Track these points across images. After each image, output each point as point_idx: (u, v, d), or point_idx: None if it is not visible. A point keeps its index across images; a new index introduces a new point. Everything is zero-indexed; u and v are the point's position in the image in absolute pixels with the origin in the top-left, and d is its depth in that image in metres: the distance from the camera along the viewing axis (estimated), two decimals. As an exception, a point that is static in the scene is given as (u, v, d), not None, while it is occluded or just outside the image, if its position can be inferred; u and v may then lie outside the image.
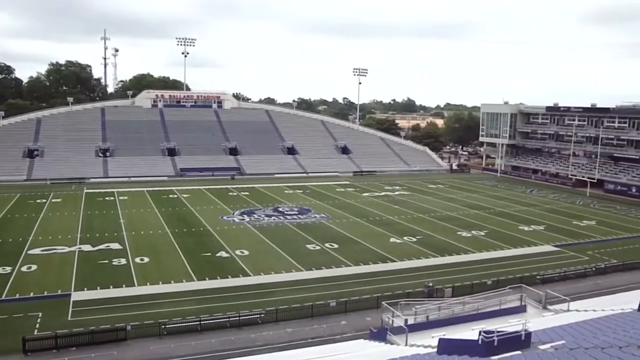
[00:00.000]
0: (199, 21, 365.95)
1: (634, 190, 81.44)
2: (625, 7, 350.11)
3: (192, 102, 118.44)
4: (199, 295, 35.23)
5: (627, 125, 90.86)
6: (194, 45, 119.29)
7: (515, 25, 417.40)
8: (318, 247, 47.61)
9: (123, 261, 42.24)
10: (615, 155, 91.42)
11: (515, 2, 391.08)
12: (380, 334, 27.11)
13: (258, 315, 31.74)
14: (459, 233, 54.27)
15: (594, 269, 43.18)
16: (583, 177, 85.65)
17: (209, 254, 44.90)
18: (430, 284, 36.67)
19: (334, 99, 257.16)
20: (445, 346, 21.15)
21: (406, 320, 27.14)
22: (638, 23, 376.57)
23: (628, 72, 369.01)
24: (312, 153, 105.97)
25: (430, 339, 23.94)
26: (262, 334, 30.06)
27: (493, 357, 19.10)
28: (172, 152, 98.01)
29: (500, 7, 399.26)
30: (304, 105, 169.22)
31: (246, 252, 45.29)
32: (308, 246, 47.93)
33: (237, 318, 31.12)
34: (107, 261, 42.08)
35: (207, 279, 38.60)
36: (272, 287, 37.21)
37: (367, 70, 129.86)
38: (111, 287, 36.40)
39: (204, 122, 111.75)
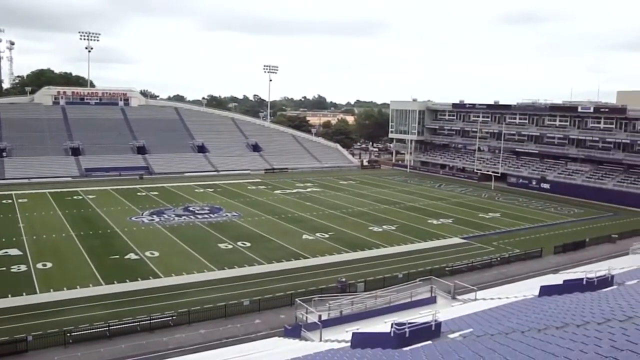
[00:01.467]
0: (106, 16, 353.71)
1: (534, 182, 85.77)
2: (533, 10, 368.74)
3: (96, 99, 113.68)
4: (107, 300, 33.76)
5: (527, 121, 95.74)
6: (98, 40, 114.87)
7: (424, 25, 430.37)
8: (230, 246, 46.96)
9: (23, 267, 39.81)
10: (517, 150, 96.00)
11: (426, 2, 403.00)
12: (294, 331, 27.01)
13: (170, 318, 30.82)
14: (370, 228, 55.12)
15: (499, 258, 45.06)
16: (488, 171, 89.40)
17: (117, 256, 43.22)
18: (343, 279, 36.98)
19: (244, 96, 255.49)
20: (359, 340, 21.29)
21: (320, 316, 27.18)
22: (543, 25, 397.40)
23: (533, 71, 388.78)
24: (223, 151, 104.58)
25: (344, 334, 24.09)
26: (174, 337, 29.22)
27: (405, 348, 19.38)
28: (75, 152, 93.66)
29: (411, 6, 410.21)
30: (214, 102, 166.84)
31: (156, 253, 43.97)
32: (220, 245, 47.18)
33: (148, 321, 30.07)
34: (4, 268, 39.48)
35: (115, 282, 37.08)
36: (184, 288, 36.28)
37: (277, 67, 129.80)
38: (10, 295, 34.14)
39: (109, 120, 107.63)
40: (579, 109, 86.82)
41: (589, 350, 11.62)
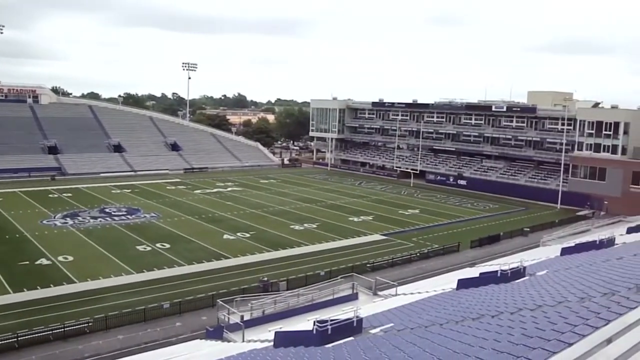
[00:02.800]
0: (18, 9, 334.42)
1: (451, 179, 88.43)
2: (450, 12, 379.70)
3: (1, 96, 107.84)
4: (16, 309, 31.95)
5: (444, 120, 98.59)
6: (2, 32, 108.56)
7: (345, 24, 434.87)
8: (149, 248, 45.71)
9: None
10: (434, 147, 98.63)
11: (347, 2, 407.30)
12: (216, 333, 26.63)
13: (85, 325, 29.60)
14: (291, 227, 55.12)
15: (418, 254, 46.12)
16: (407, 168, 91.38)
17: (27, 262, 41.04)
18: (265, 279, 36.79)
19: (163, 94, 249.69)
20: (281, 339, 21.22)
21: (242, 317, 26.93)
22: (460, 27, 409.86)
23: (450, 71, 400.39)
24: (141, 150, 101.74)
25: (267, 333, 23.95)
26: (90, 344, 28.09)
27: (327, 345, 19.43)
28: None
29: (330, 6, 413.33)
30: (131, 100, 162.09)
31: (70, 258, 42.15)
32: (138, 247, 45.84)
33: (62, 329, 28.74)
34: None
35: (25, 290, 35.20)
36: (100, 293, 34.96)
37: (196, 65, 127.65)
38: None
39: (17, 118, 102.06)
40: (493, 108, 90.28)
41: (502, 339, 12.00)
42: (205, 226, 54.52)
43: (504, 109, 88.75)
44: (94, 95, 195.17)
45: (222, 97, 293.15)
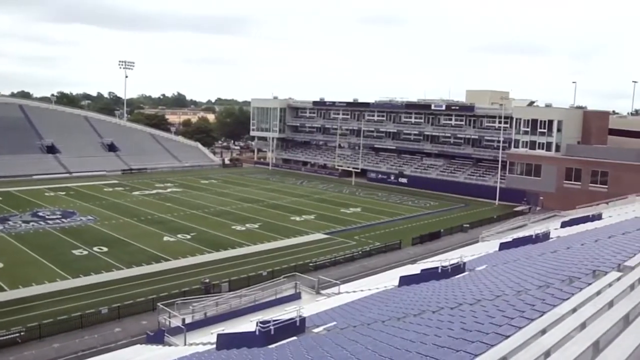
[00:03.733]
0: None
1: (392, 177, 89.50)
2: (390, 12, 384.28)
3: None
4: (-60, 321, 30.42)
5: (384, 118, 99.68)
6: None
7: (286, 23, 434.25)
8: (85, 252, 44.32)
9: None
10: (375, 146, 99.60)
11: (288, 1, 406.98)
12: (157, 337, 26.09)
13: (17, 334, 28.36)
14: (233, 227, 54.58)
15: (360, 252, 46.43)
16: (348, 167, 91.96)
17: (-47, 270, 39.17)
18: (207, 280, 36.27)
19: (98, 93, 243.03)
20: (224, 341, 20.99)
21: (184, 320, 26.49)
22: (400, 27, 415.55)
23: (391, 70, 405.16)
24: (76, 151, 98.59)
25: (209, 336, 23.66)
26: (23, 354, 26.95)
27: (271, 346, 19.33)
28: None
29: (272, 5, 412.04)
30: (65, 99, 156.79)
31: (0, 265, 40.41)
32: (74, 252, 44.38)
33: (-9, 340, 27.52)
34: None
35: (-50, 299, 33.58)
36: (33, 301, 33.58)
37: (133, 63, 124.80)
38: None
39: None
40: (433, 107, 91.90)
41: (442, 333, 12.14)
42: (145, 228, 53.34)
43: (443, 108, 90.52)
44: (24, 94, 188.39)
45: (161, 97, 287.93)
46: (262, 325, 20.43)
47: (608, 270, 13.75)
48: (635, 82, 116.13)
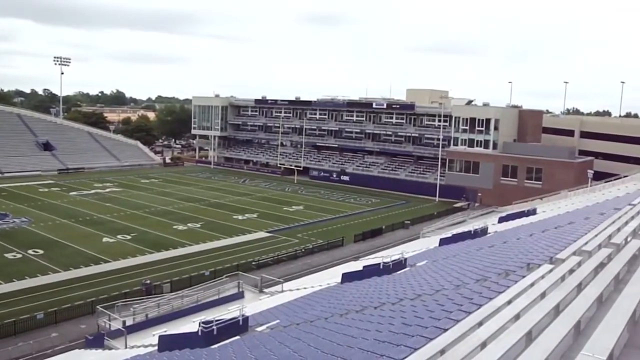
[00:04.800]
0: None
1: (334, 175, 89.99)
2: (332, 11, 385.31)
3: None
4: None
5: (326, 116, 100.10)
6: None
7: (229, 21, 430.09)
8: (19, 255, 42.70)
9: None
10: (317, 144, 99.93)
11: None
12: (97, 341, 25.51)
13: (-55, 342, 27.19)
14: (175, 227, 53.76)
15: (303, 250, 46.55)
16: (291, 165, 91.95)
17: None
18: (148, 282, 35.63)
19: (32, 90, 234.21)
20: (166, 342, 20.74)
21: (124, 322, 26.01)
22: (342, 26, 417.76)
23: (333, 69, 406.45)
24: (8, 151, 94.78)
25: (151, 338, 23.33)
26: (-49, 363, 25.87)
27: (213, 346, 19.21)
28: None
29: (214, 2, 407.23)
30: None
31: None
32: (7, 255, 42.67)
33: None
34: None
35: None
36: (-37, 307, 32.25)
37: (69, 59, 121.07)
38: None
39: None
40: (374, 105, 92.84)
41: (383, 329, 12.33)
42: (83, 229, 51.87)
43: (384, 106, 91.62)
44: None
45: (99, 94, 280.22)
46: (204, 325, 20.27)
47: (541, 263, 14.25)
48: (566, 82, 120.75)
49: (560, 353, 6.98)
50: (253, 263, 41.57)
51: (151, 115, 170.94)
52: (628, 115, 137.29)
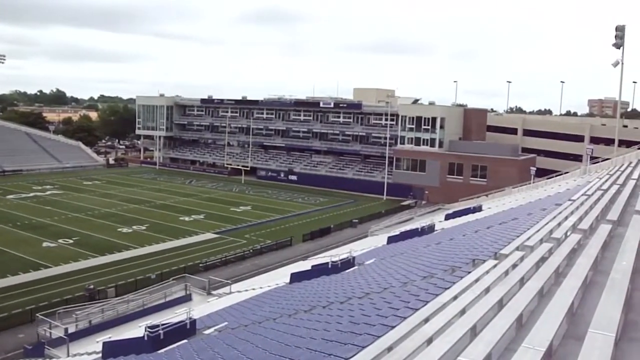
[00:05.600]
0: None
1: (282, 175, 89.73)
2: (279, 10, 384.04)
3: None
4: None
5: (273, 116, 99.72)
6: None
7: (171, 20, 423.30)
8: (-47, 262, 40.93)
9: None
10: (265, 144, 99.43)
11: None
12: (36, 350, 24.70)
13: None
14: (119, 229, 52.53)
15: (251, 250, 46.23)
16: (238, 165, 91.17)
17: None
18: (92, 286, 34.64)
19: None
20: (110, 349, 20.29)
21: (66, 330, 25.29)
22: (290, 25, 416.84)
23: (280, 68, 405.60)
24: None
25: (95, 345, 22.78)
26: None
27: (160, 351, 18.91)
28: None
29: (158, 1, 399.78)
30: None
31: None
32: (-61, 263, 40.83)
33: None
34: None
35: None
36: None
37: (4, 56, 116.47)
38: None
39: None
40: (321, 104, 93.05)
41: (331, 328, 12.30)
42: (21, 234, 50.04)
43: (331, 105, 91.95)
44: None
45: (38, 93, 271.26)
46: (150, 330, 19.88)
47: (486, 259, 14.50)
48: (509, 82, 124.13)
49: (503, 346, 7.07)
50: (200, 265, 40.98)
51: (94, 115, 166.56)
52: (568, 113, 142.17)
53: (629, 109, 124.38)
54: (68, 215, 58.25)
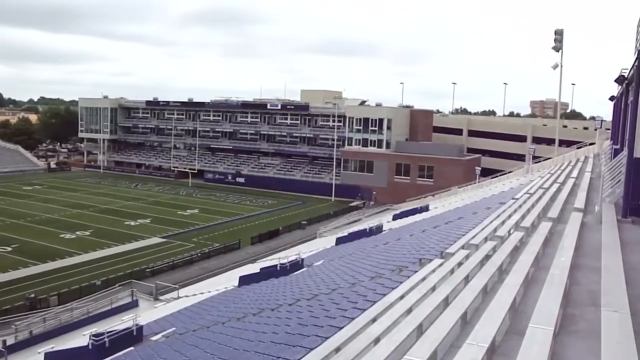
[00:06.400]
0: None
1: (230, 177, 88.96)
2: (226, 10, 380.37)
3: None
4: None
5: (220, 118, 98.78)
6: None
7: (114, 19, 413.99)
8: None
9: None
10: (212, 146, 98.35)
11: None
12: (-28, 364, 23.71)
13: None
14: (61, 236, 51.03)
15: (199, 254, 45.65)
16: (185, 168, 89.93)
17: None
18: (32, 295, 33.50)
19: None
20: (53, 359, 19.68)
21: (4, 342, 24.44)
22: (236, 27, 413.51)
23: (227, 70, 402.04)
24: None
25: (36, 356, 22.07)
26: None
27: (105, 359, 18.51)
28: None
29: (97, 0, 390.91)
30: None
31: None
32: None
33: None
34: None
35: None
36: None
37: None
38: None
39: None
40: (268, 106, 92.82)
41: (280, 330, 12.27)
42: (-43, 242, 48.11)
43: (279, 107, 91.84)
44: None
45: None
46: (95, 338, 19.44)
47: (432, 258, 14.72)
48: (455, 83, 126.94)
49: (448, 343, 7.17)
50: (147, 270, 40.23)
51: (33, 117, 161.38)
52: (511, 114, 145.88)
53: (568, 110, 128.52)
54: (6, 222, 56.13)
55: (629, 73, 17.30)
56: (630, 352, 5.20)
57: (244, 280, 27.34)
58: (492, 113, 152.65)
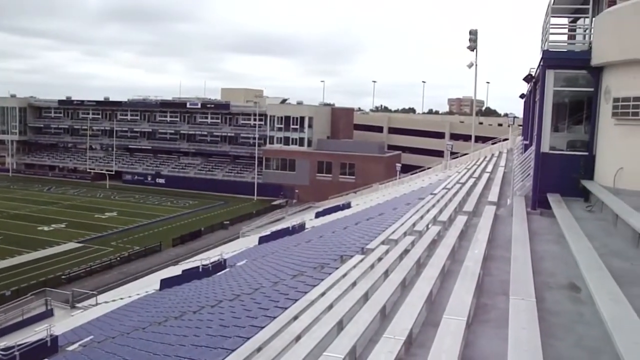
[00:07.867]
0: None
1: (149, 178, 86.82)
2: (141, 9, 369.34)
3: None
4: None
5: (138, 117, 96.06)
6: None
7: (22, 13, 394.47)
8: None
9: None
10: (130, 146, 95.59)
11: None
12: None
13: None
14: (-32, 244, 48.35)
15: (119, 258, 44.43)
16: (102, 170, 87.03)
17: None
18: None
19: None
20: (-43, 377, 18.58)
21: None
22: (152, 25, 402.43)
23: (144, 68, 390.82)
24: None
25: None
26: None
27: (17, 373, 17.68)
28: None
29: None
30: None
31: None
32: None
33: None
34: None
35: None
36: None
37: None
38: None
39: None
40: (188, 105, 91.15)
41: (201, 333, 12.11)
42: None
43: (199, 106, 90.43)
44: None
45: None
46: (4, 352, 18.53)
47: (353, 254, 14.89)
48: (375, 81, 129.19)
49: (367, 338, 7.26)
50: (63, 277, 38.73)
51: None
52: (430, 112, 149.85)
53: (483, 108, 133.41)
54: None
55: (536, 72, 18.08)
56: (534, 337, 5.45)
57: (166, 284, 26.78)
58: (412, 111, 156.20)
